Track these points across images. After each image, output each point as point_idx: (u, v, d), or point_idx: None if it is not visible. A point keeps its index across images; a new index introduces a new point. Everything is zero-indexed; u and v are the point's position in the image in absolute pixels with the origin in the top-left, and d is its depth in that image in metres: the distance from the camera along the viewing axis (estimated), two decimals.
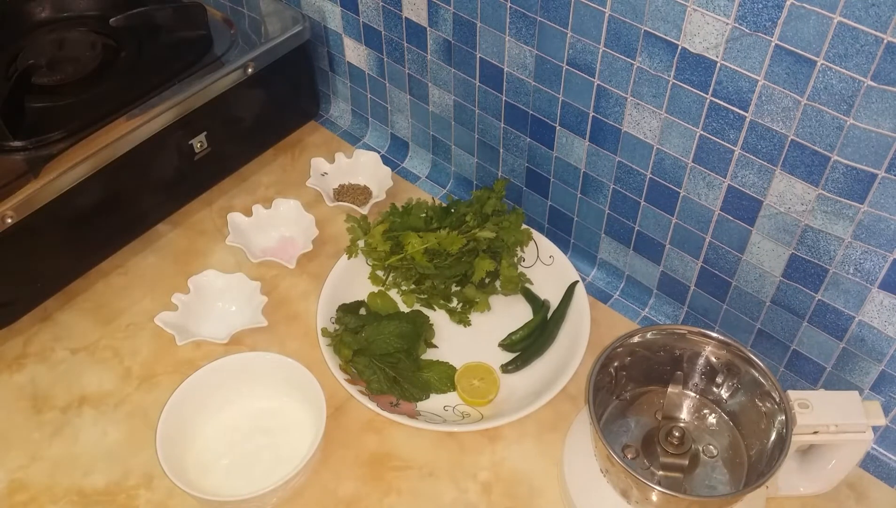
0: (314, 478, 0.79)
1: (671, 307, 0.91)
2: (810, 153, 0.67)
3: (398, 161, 1.10)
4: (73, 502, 0.78)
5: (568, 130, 0.86)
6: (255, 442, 0.81)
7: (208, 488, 0.77)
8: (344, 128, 1.16)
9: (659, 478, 0.70)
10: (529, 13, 0.80)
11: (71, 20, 1.05)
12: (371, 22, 1.00)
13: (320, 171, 1.05)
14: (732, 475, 0.71)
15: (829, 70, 0.62)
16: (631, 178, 0.84)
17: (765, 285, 0.79)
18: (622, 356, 0.73)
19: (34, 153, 0.87)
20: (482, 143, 0.98)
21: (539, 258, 0.95)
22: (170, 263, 0.98)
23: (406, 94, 1.03)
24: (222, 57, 0.98)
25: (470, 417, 0.83)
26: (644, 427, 0.74)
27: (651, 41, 0.72)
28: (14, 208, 0.82)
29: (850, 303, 0.74)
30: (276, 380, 0.82)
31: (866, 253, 0.69)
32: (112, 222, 0.94)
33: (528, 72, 0.85)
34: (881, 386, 0.76)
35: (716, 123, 0.72)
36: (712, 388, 0.75)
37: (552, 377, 0.84)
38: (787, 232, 0.74)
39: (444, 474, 0.80)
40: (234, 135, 1.03)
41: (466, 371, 0.86)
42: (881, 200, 0.65)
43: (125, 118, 0.90)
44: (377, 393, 0.83)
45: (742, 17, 0.64)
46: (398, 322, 0.87)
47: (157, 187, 0.97)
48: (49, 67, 0.96)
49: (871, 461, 0.80)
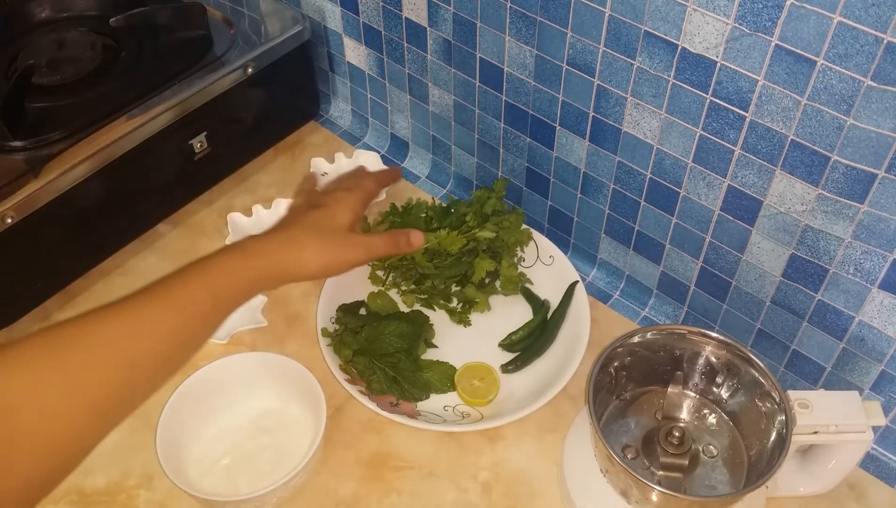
0: (314, 478, 0.79)
1: (671, 307, 0.91)
2: (810, 153, 0.67)
3: (398, 161, 1.10)
4: (73, 502, 0.78)
5: (568, 130, 0.86)
6: (255, 442, 0.81)
7: (208, 488, 0.77)
8: (344, 128, 1.16)
9: (659, 478, 0.70)
10: (529, 13, 0.80)
11: (71, 20, 1.05)
12: (371, 22, 1.00)
13: (320, 171, 1.05)
14: (732, 475, 0.71)
15: (829, 70, 0.62)
16: (631, 178, 0.84)
17: (765, 285, 0.79)
18: (622, 356, 0.73)
19: (34, 153, 0.87)
20: (482, 143, 0.98)
21: (539, 258, 0.95)
22: (170, 263, 0.98)
23: (406, 94, 1.03)
24: (222, 57, 0.98)
25: (470, 417, 0.83)
26: (644, 427, 0.74)
27: (651, 41, 0.72)
28: (14, 208, 0.82)
29: (850, 303, 0.74)
30: (276, 380, 0.82)
31: (866, 253, 0.69)
32: (112, 222, 0.94)
33: (528, 72, 0.85)
34: (881, 386, 0.76)
35: (716, 123, 0.72)
36: (712, 388, 0.75)
37: (552, 377, 0.84)
38: (787, 232, 0.74)
39: (444, 474, 0.80)
40: (234, 135, 1.03)
41: (466, 371, 0.86)
42: (881, 200, 0.65)
43: (125, 118, 0.90)
44: (377, 393, 0.83)
45: (742, 17, 0.64)
46: (398, 322, 0.87)
47: (157, 187, 0.97)
48: (49, 67, 0.96)
49: (871, 461, 0.80)
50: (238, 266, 0.66)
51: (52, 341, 0.57)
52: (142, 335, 0.59)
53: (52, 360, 0.56)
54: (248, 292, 0.67)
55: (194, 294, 0.63)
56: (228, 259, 0.66)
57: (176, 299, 0.62)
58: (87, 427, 0.56)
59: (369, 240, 0.76)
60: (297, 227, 0.72)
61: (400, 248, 0.79)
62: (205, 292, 0.63)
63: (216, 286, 0.64)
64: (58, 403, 0.54)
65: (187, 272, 0.64)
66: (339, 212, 0.74)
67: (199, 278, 0.64)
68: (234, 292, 0.66)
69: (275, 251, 0.69)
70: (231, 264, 0.66)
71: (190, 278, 0.64)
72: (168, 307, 0.61)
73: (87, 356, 0.57)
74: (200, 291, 0.63)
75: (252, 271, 0.67)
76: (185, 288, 0.63)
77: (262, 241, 0.70)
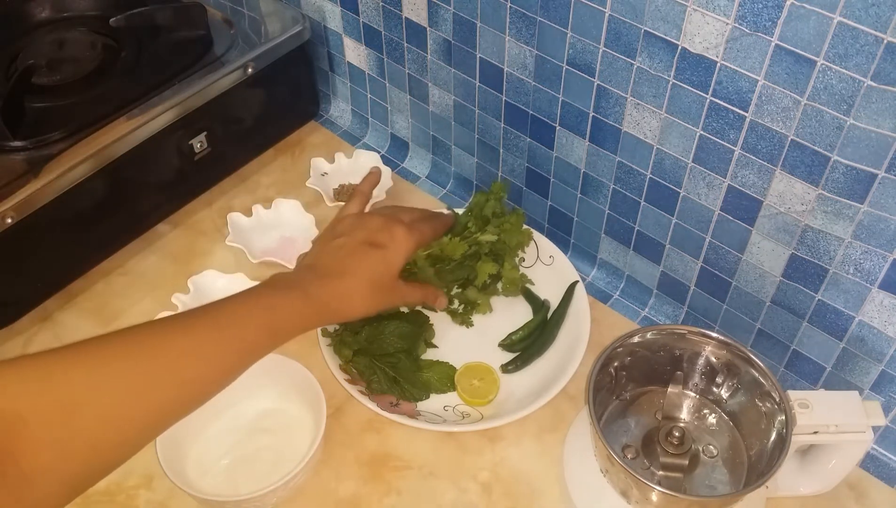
0: (314, 478, 0.79)
1: (671, 307, 0.91)
2: (810, 153, 0.67)
3: (398, 161, 1.10)
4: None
5: (568, 130, 0.86)
6: (255, 442, 0.81)
7: (208, 488, 0.77)
8: (344, 128, 1.16)
9: (659, 478, 0.70)
10: (529, 13, 0.80)
11: (71, 20, 1.05)
12: (371, 22, 1.00)
13: (320, 171, 1.05)
14: (732, 475, 0.71)
15: (829, 70, 0.62)
16: (631, 178, 0.84)
17: (765, 285, 0.79)
18: (622, 356, 0.73)
19: (34, 153, 0.87)
20: (482, 143, 0.98)
21: (539, 258, 0.95)
22: (170, 263, 0.98)
23: (406, 94, 1.03)
24: (222, 57, 0.98)
25: (470, 417, 0.83)
26: (644, 427, 0.74)
27: (651, 41, 0.72)
28: (14, 208, 0.82)
29: (850, 303, 0.74)
30: (276, 380, 0.82)
31: (866, 253, 0.69)
32: (112, 222, 0.94)
33: (528, 72, 0.85)
34: (881, 386, 0.76)
35: (716, 123, 0.72)
36: (712, 388, 0.75)
37: (552, 377, 0.84)
38: (787, 232, 0.74)
39: (444, 474, 0.80)
40: (235, 135, 1.03)
41: (466, 371, 0.86)
42: (881, 200, 0.65)
43: (125, 118, 0.90)
44: (377, 393, 0.83)
45: (742, 17, 0.64)
46: (398, 322, 0.87)
47: (158, 187, 0.97)
48: (49, 67, 0.96)
49: (871, 461, 0.80)
50: (300, 311, 0.69)
51: (117, 346, 0.58)
52: (203, 360, 0.61)
53: (118, 366, 0.57)
54: (301, 332, 0.69)
55: (257, 332, 0.65)
56: (293, 302, 0.69)
57: (239, 332, 0.64)
58: (135, 437, 0.57)
59: (409, 291, 0.80)
60: (352, 278, 0.73)
61: (428, 302, 0.84)
62: (266, 332, 0.66)
63: (277, 326, 0.67)
64: (118, 409, 0.55)
65: (252, 304, 0.66)
66: (394, 258, 0.76)
67: (263, 317, 0.66)
68: (290, 332, 0.68)
69: (331, 301, 0.71)
70: (295, 308, 0.69)
71: (254, 313, 0.66)
72: (230, 339, 0.64)
73: (151, 368, 0.58)
74: (262, 330, 0.66)
75: (310, 318, 0.70)
76: (249, 323, 0.65)
77: (321, 285, 0.72)
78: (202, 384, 0.61)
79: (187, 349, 0.60)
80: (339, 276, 0.73)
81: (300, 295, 0.69)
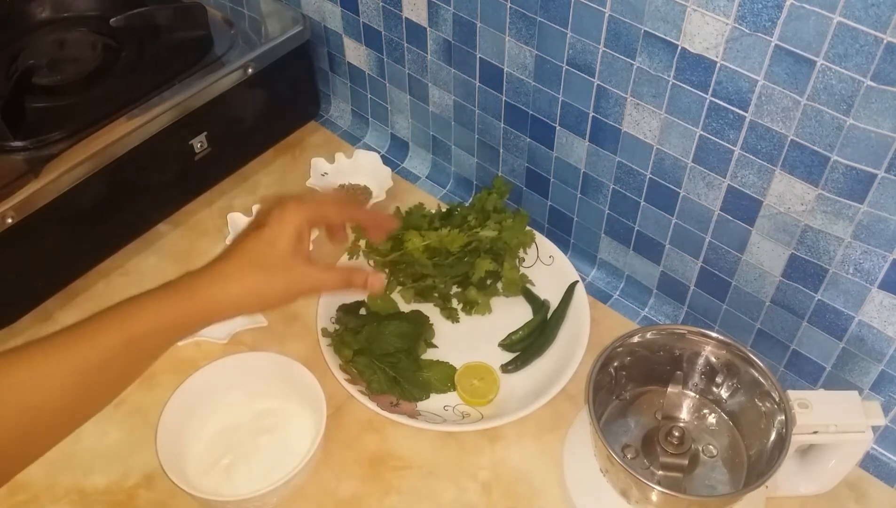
0: (314, 478, 0.79)
1: (671, 307, 0.91)
2: (810, 153, 0.67)
3: (398, 161, 1.10)
4: (73, 501, 0.78)
5: (568, 130, 0.86)
6: (255, 442, 0.81)
7: (208, 488, 0.77)
8: (344, 128, 1.16)
9: (659, 478, 0.70)
10: (529, 13, 0.80)
11: (71, 20, 1.05)
12: (371, 22, 1.00)
13: (320, 171, 1.05)
14: (732, 475, 0.71)
15: (829, 70, 0.62)
16: (631, 178, 0.84)
17: (765, 285, 0.79)
18: (622, 355, 0.73)
19: (35, 153, 0.87)
20: (482, 143, 0.98)
21: (539, 258, 0.95)
22: (170, 263, 0.98)
23: (406, 94, 1.03)
24: (222, 57, 0.98)
25: (470, 417, 0.83)
26: (644, 427, 0.74)
27: (651, 41, 0.72)
28: (14, 208, 0.82)
29: (849, 303, 0.74)
30: (276, 380, 0.82)
31: (866, 253, 0.69)
32: (112, 222, 0.94)
33: (528, 72, 0.85)
34: (881, 386, 0.76)
35: (716, 123, 0.72)
36: (712, 388, 0.75)
37: (552, 377, 0.84)
38: (786, 232, 0.74)
39: (444, 474, 0.80)
40: (235, 135, 1.03)
41: (466, 371, 0.86)
42: (881, 200, 0.65)
43: (125, 118, 0.90)
44: (377, 393, 0.83)
45: (742, 18, 0.64)
46: (398, 322, 0.87)
47: (158, 188, 0.97)
48: (49, 67, 0.96)
49: (871, 461, 0.80)
50: (157, 312, 0.61)
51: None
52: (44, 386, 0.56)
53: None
54: (173, 336, 0.62)
55: (107, 343, 0.58)
56: (143, 305, 0.61)
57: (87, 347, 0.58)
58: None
59: (316, 274, 0.67)
60: (227, 260, 0.64)
61: (354, 288, 0.69)
62: (118, 340, 0.59)
63: (132, 334, 0.59)
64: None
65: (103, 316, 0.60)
66: (276, 233, 0.65)
67: (112, 325, 0.60)
68: (153, 339, 0.61)
69: (201, 291, 0.62)
70: (147, 310, 0.61)
71: (103, 323, 0.59)
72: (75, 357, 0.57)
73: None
74: (114, 339, 0.59)
75: (173, 317, 0.61)
76: (97, 335, 0.59)
77: (191, 279, 0.63)
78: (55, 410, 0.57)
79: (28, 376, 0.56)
80: (216, 261, 0.65)
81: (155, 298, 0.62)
